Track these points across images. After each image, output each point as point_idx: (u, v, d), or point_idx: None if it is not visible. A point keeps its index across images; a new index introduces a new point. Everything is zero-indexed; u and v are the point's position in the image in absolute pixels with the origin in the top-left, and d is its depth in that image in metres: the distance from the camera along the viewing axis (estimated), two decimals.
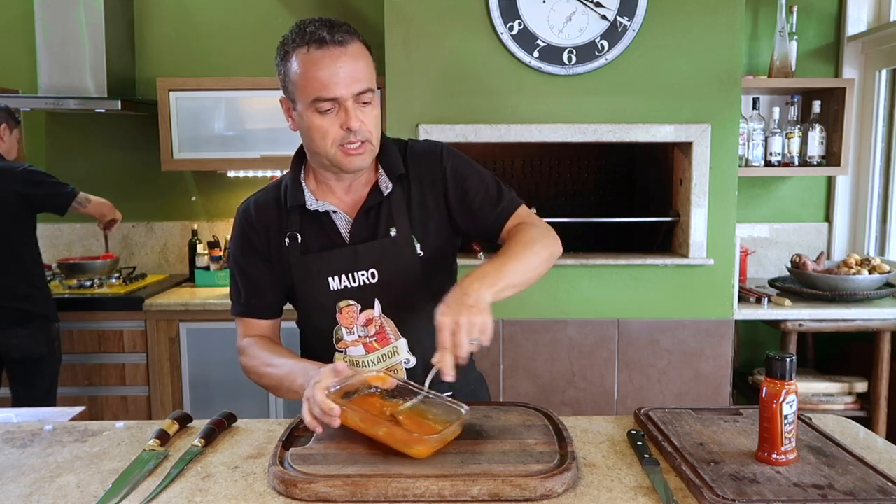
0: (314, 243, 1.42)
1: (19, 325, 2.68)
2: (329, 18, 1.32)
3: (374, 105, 1.34)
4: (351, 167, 1.35)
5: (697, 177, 2.79)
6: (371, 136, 1.34)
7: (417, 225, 1.42)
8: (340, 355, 1.45)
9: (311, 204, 1.41)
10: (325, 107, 1.30)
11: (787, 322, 2.87)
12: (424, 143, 1.50)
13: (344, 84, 1.28)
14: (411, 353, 1.44)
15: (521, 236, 1.36)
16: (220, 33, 3.47)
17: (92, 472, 1.15)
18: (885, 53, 3.22)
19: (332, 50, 1.28)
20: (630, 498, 1.03)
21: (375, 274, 1.40)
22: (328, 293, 1.42)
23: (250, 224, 1.46)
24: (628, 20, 2.71)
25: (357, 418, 1.15)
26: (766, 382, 1.09)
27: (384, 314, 1.42)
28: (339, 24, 1.31)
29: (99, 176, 3.55)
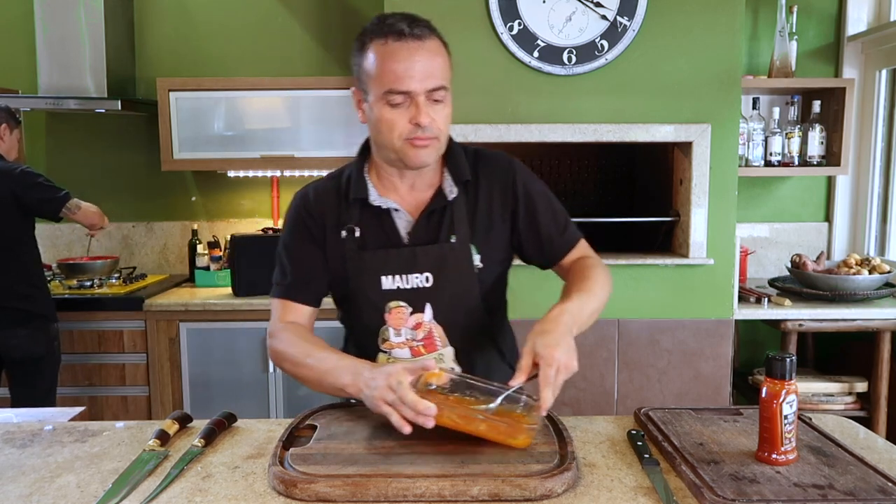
0: (372, 239, 1.40)
1: (19, 325, 2.68)
2: (411, 14, 1.31)
3: (446, 104, 1.32)
4: (416, 161, 1.33)
5: (697, 177, 2.79)
6: (440, 133, 1.32)
7: (479, 235, 1.40)
8: (384, 356, 1.43)
9: (375, 199, 1.39)
10: (397, 100, 1.28)
11: (787, 322, 2.86)
12: (497, 154, 1.47)
13: (418, 78, 1.26)
14: (457, 362, 1.42)
15: (596, 278, 1.37)
16: (220, 33, 3.47)
17: (92, 472, 1.15)
18: (885, 53, 3.22)
19: (410, 43, 1.27)
20: (630, 498, 1.03)
21: (430, 278, 1.38)
22: (380, 292, 1.40)
23: (308, 211, 1.43)
24: (628, 20, 2.71)
25: (455, 415, 1.12)
26: (766, 382, 1.09)
27: (434, 320, 1.40)
28: (419, 20, 1.31)
29: (99, 176, 3.55)
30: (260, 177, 3.52)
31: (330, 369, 1.28)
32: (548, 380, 1.14)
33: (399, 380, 1.13)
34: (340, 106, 3.21)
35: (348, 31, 3.46)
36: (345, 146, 3.24)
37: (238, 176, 3.48)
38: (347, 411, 1.33)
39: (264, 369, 3.06)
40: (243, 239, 3.13)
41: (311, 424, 1.26)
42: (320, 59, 3.48)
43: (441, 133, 1.32)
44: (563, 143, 2.81)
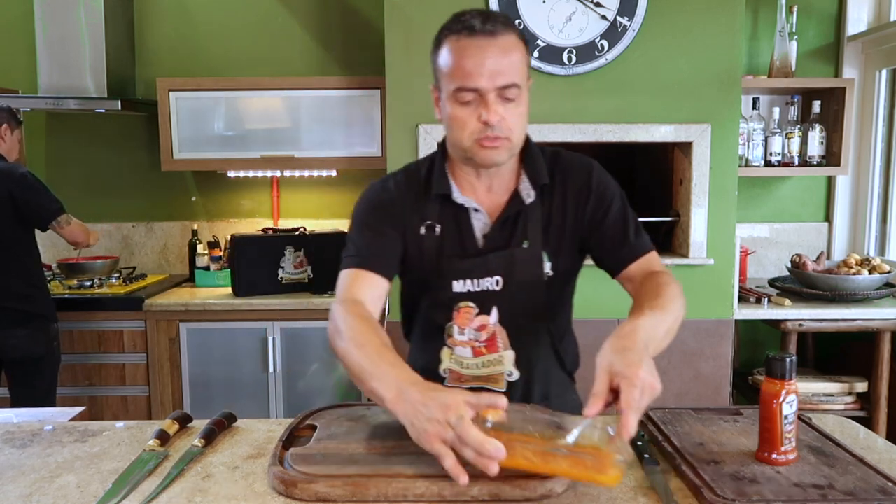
0: (448, 238, 1.38)
1: (18, 325, 2.68)
2: (488, 10, 1.29)
3: (518, 102, 1.28)
4: (485, 161, 1.30)
5: (697, 177, 2.79)
6: (511, 133, 1.28)
7: (551, 241, 1.38)
8: (448, 351, 1.42)
9: (458, 197, 1.37)
10: (467, 97, 1.25)
11: (787, 322, 2.86)
12: (577, 156, 1.43)
13: (488, 76, 1.23)
14: (516, 366, 1.41)
15: (670, 296, 1.25)
16: (220, 33, 3.47)
17: (92, 472, 1.15)
18: (885, 53, 3.22)
19: (481, 40, 1.24)
20: (630, 498, 1.03)
21: (500, 282, 1.37)
22: (450, 294, 1.38)
23: (388, 198, 1.41)
24: (628, 20, 2.71)
25: (530, 454, 0.98)
26: (766, 382, 1.09)
27: (499, 323, 1.39)
28: (495, 15, 1.27)
29: (99, 176, 3.55)
30: (260, 177, 3.52)
31: (376, 374, 1.12)
32: (632, 403, 1.00)
33: (460, 414, 0.98)
34: (340, 106, 3.21)
35: (348, 31, 3.46)
36: (345, 146, 3.24)
37: (238, 176, 3.48)
38: (348, 411, 1.33)
39: (264, 369, 3.06)
40: (243, 239, 3.13)
41: (311, 424, 1.26)
42: (320, 59, 3.48)
43: (513, 133, 1.28)
44: (563, 143, 2.80)
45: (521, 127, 1.30)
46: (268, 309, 3.03)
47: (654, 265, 1.38)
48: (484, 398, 1.02)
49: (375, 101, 3.19)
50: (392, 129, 2.79)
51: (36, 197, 2.72)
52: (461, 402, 1.00)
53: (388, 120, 2.80)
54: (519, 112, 1.28)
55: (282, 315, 3.04)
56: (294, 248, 3.16)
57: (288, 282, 3.15)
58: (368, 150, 3.23)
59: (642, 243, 1.40)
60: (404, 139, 2.77)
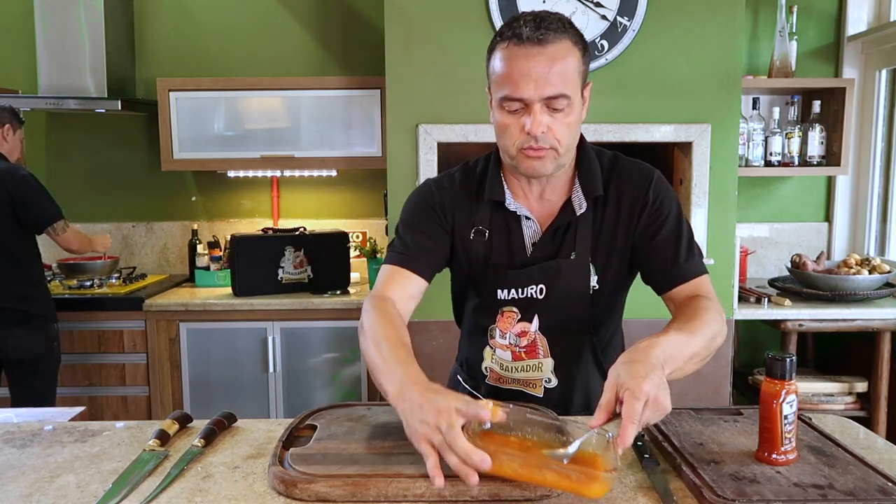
0: (497, 244, 1.38)
1: (18, 325, 2.68)
2: (543, 12, 1.24)
3: (568, 112, 1.24)
4: (529, 171, 1.28)
5: (697, 177, 2.79)
6: (558, 144, 1.25)
7: (600, 254, 1.35)
8: (490, 351, 1.44)
9: (510, 204, 1.36)
10: (513, 106, 1.23)
11: (787, 322, 2.86)
12: (636, 165, 1.38)
13: (533, 86, 1.20)
14: (555, 374, 1.41)
15: (704, 320, 1.21)
16: (220, 33, 3.47)
17: (92, 472, 1.14)
18: (885, 53, 3.22)
19: (529, 48, 1.20)
20: (630, 498, 1.03)
21: (544, 290, 1.35)
22: (494, 300, 1.40)
23: (440, 199, 1.40)
24: (628, 20, 2.71)
25: (517, 465, 0.98)
26: (766, 382, 1.09)
27: (540, 331, 1.39)
28: (549, 20, 1.22)
29: (99, 176, 3.55)
30: (260, 177, 3.52)
31: (385, 370, 1.16)
32: (633, 415, 0.97)
33: (450, 422, 0.98)
34: (340, 106, 3.21)
35: (348, 31, 3.46)
36: (345, 146, 3.24)
37: (238, 176, 3.48)
38: (347, 411, 1.33)
39: (264, 369, 3.06)
40: (243, 239, 3.13)
41: (311, 424, 1.26)
42: (320, 59, 3.48)
43: (560, 144, 1.25)
44: None
45: (569, 137, 1.27)
46: (268, 309, 3.03)
47: (701, 290, 1.32)
48: (473, 407, 1.01)
49: (375, 101, 3.19)
50: (392, 129, 2.79)
51: (35, 200, 2.72)
52: (453, 409, 0.99)
53: (388, 120, 2.80)
54: (567, 122, 1.25)
55: (282, 315, 3.04)
56: (294, 248, 3.16)
57: (288, 282, 3.15)
58: (368, 150, 3.23)
59: (693, 266, 1.33)
60: (404, 139, 2.77)
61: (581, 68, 1.26)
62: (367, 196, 3.52)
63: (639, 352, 1.07)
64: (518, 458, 0.99)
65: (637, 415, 0.97)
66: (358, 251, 3.37)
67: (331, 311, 3.02)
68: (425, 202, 1.41)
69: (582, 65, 1.26)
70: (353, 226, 3.53)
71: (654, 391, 1.00)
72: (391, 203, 2.83)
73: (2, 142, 2.78)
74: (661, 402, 1.00)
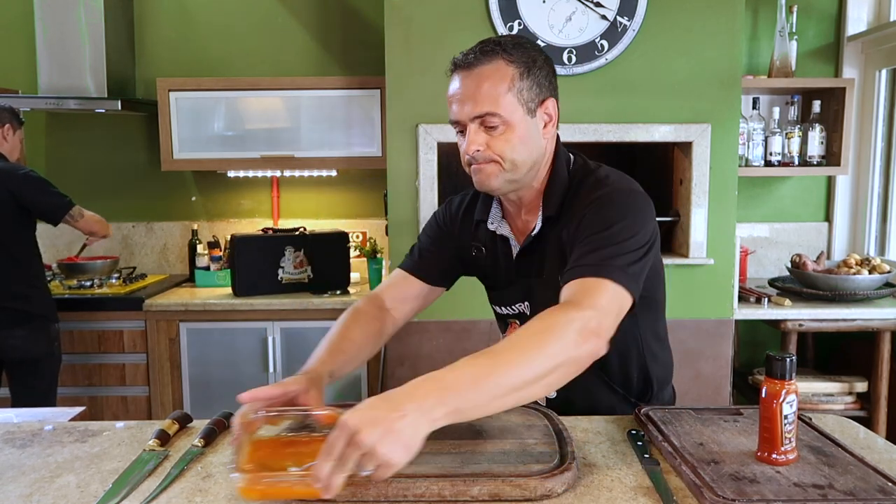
0: (490, 263, 1.45)
1: (18, 325, 2.68)
2: (488, 39, 1.29)
3: (505, 130, 1.25)
4: (479, 186, 1.32)
5: (697, 177, 2.79)
6: (501, 159, 1.27)
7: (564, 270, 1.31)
8: None
9: (491, 224, 1.43)
10: (457, 128, 1.30)
11: (787, 322, 2.87)
12: (598, 180, 1.32)
13: (462, 107, 1.26)
14: None
15: (528, 337, 1.06)
16: (220, 33, 3.47)
17: (92, 472, 1.15)
18: (885, 53, 3.22)
19: (460, 72, 1.28)
20: (630, 498, 1.03)
21: (528, 306, 1.41)
22: (497, 314, 1.50)
23: (451, 216, 1.50)
24: (628, 20, 2.71)
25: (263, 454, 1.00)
26: (766, 382, 1.09)
27: None
28: (486, 44, 1.27)
29: (99, 176, 3.55)
30: (260, 177, 3.52)
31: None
32: (329, 447, 0.90)
33: (243, 411, 1.08)
34: (340, 106, 3.21)
35: (348, 31, 3.46)
36: (345, 146, 3.24)
37: (238, 176, 3.48)
38: None
39: (264, 369, 3.06)
40: (243, 239, 3.13)
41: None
42: (320, 59, 3.48)
43: (502, 159, 1.26)
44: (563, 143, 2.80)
45: (513, 153, 1.27)
46: (268, 309, 3.03)
47: (581, 295, 1.13)
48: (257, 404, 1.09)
49: (375, 101, 3.19)
50: (392, 129, 2.79)
51: (42, 195, 2.72)
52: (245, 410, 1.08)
53: (388, 120, 2.80)
54: (506, 139, 1.26)
55: (282, 315, 3.04)
56: (294, 248, 3.16)
57: (288, 282, 3.15)
58: (368, 150, 3.23)
59: (596, 266, 1.15)
60: (404, 139, 2.77)
61: (521, 85, 1.26)
62: (367, 196, 3.52)
63: (385, 398, 0.96)
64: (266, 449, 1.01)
65: (334, 448, 0.90)
66: (358, 251, 3.37)
67: (331, 311, 3.02)
68: (436, 216, 1.54)
69: (521, 81, 1.26)
70: (353, 226, 3.53)
71: (365, 432, 0.89)
72: (391, 203, 2.83)
73: (1, 142, 2.78)
74: (372, 449, 0.89)
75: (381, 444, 0.89)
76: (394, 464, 0.91)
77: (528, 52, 1.29)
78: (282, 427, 1.16)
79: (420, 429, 0.93)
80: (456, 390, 0.97)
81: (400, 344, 2.78)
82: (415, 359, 2.78)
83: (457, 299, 2.80)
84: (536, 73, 1.28)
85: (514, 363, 1.01)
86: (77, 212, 2.79)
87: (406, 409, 0.93)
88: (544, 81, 1.30)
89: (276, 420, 1.10)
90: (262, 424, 1.09)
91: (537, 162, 1.33)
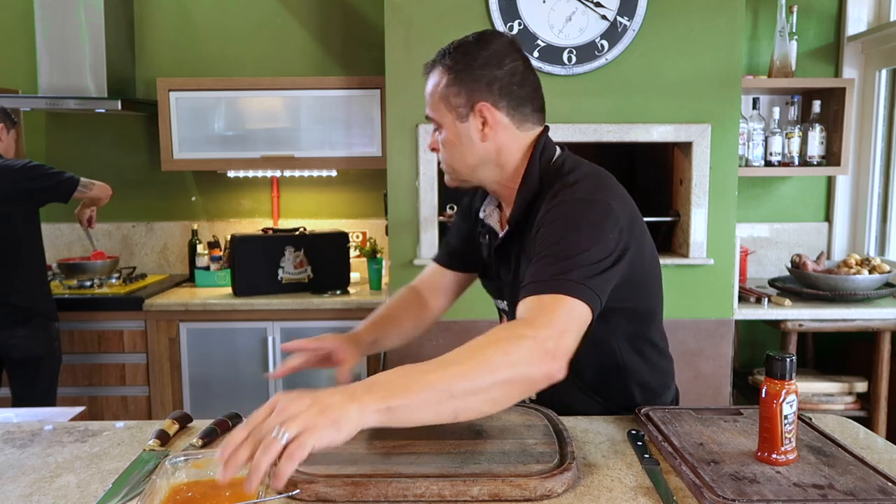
0: (485, 252, 1.48)
1: (19, 324, 2.68)
2: (449, 43, 1.34)
3: (443, 133, 1.34)
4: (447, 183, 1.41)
5: (697, 177, 2.79)
6: (443, 162, 1.37)
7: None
8: None
9: (483, 212, 1.46)
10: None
11: (787, 322, 2.86)
12: (563, 187, 1.25)
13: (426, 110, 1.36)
14: None
15: (477, 342, 1.03)
16: (220, 33, 3.47)
17: (92, 472, 1.14)
18: (885, 53, 3.22)
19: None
20: (630, 498, 1.03)
21: (507, 305, 1.44)
22: (496, 309, 1.52)
23: (468, 204, 1.57)
24: (628, 20, 2.71)
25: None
26: (766, 382, 1.09)
27: None
28: (441, 51, 1.34)
29: (99, 176, 3.52)
30: (260, 177, 3.52)
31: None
32: (251, 417, 0.91)
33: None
34: (340, 106, 3.21)
35: (348, 31, 3.46)
36: (345, 146, 3.24)
37: (238, 176, 3.48)
38: None
39: (264, 369, 3.06)
40: (243, 239, 3.13)
41: None
42: (320, 59, 3.48)
43: (442, 160, 1.37)
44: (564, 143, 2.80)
45: (447, 156, 1.35)
46: (268, 309, 3.03)
47: (534, 313, 1.08)
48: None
49: (375, 101, 3.19)
50: (392, 129, 2.79)
51: (46, 180, 2.68)
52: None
53: (388, 120, 2.80)
54: (444, 142, 1.34)
55: (282, 315, 3.04)
56: (294, 248, 3.16)
57: (288, 282, 3.15)
58: (368, 150, 3.23)
59: (548, 282, 1.10)
60: (404, 139, 2.77)
61: (447, 91, 1.30)
62: (367, 196, 3.52)
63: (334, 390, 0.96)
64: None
65: (254, 418, 0.90)
66: (358, 251, 3.37)
67: (331, 311, 3.02)
68: (462, 206, 1.60)
69: (449, 88, 1.29)
70: (353, 226, 3.53)
71: (293, 406, 0.88)
72: (391, 203, 2.83)
73: None
74: (300, 418, 0.87)
75: (307, 412, 0.88)
76: (317, 430, 0.87)
77: (469, 55, 1.29)
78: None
79: (348, 411, 0.90)
80: (390, 388, 0.96)
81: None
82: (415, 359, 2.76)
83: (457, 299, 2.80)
84: (468, 77, 1.28)
85: (456, 372, 0.98)
86: (87, 183, 2.80)
87: (337, 393, 0.93)
88: (480, 85, 1.28)
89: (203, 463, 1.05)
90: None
91: (481, 165, 1.33)
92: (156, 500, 0.96)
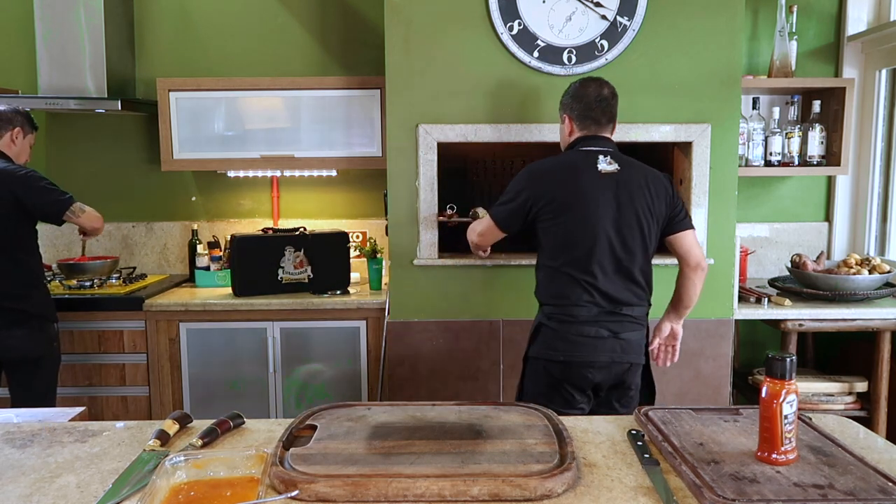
0: None
1: (17, 325, 2.68)
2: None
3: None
4: None
5: (697, 177, 2.79)
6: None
7: None
8: None
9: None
10: None
11: (787, 322, 2.87)
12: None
13: None
14: None
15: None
16: (220, 33, 3.47)
17: (92, 472, 1.15)
18: (885, 53, 3.22)
19: None
20: (630, 498, 1.03)
21: None
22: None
23: None
24: (628, 20, 2.71)
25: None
26: (766, 382, 1.09)
27: None
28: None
29: (99, 176, 3.55)
30: (260, 177, 3.52)
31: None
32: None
33: None
34: (340, 106, 3.21)
35: (348, 31, 3.46)
36: (345, 146, 3.24)
37: (238, 176, 3.48)
38: (347, 411, 1.33)
39: (264, 369, 3.06)
40: (243, 239, 3.13)
41: (311, 424, 1.26)
42: (320, 59, 3.48)
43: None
44: None
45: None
46: (268, 309, 3.03)
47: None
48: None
49: (375, 101, 3.19)
50: (392, 129, 2.79)
51: (44, 194, 2.70)
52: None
53: (388, 120, 2.80)
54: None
55: (282, 315, 3.04)
56: (294, 248, 3.16)
57: (288, 282, 3.15)
58: (368, 150, 3.23)
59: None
60: (404, 139, 2.77)
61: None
62: (367, 196, 3.52)
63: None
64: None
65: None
66: (358, 251, 3.37)
67: (331, 311, 3.02)
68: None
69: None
70: (353, 226, 3.53)
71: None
72: (391, 203, 2.83)
73: (10, 144, 2.77)
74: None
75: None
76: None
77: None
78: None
79: None
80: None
81: (400, 344, 2.78)
82: (415, 359, 2.78)
83: (457, 299, 2.80)
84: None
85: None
86: (78, 208, 2.79)
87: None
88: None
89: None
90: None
91: None
92: (156, 500, 0.96)
